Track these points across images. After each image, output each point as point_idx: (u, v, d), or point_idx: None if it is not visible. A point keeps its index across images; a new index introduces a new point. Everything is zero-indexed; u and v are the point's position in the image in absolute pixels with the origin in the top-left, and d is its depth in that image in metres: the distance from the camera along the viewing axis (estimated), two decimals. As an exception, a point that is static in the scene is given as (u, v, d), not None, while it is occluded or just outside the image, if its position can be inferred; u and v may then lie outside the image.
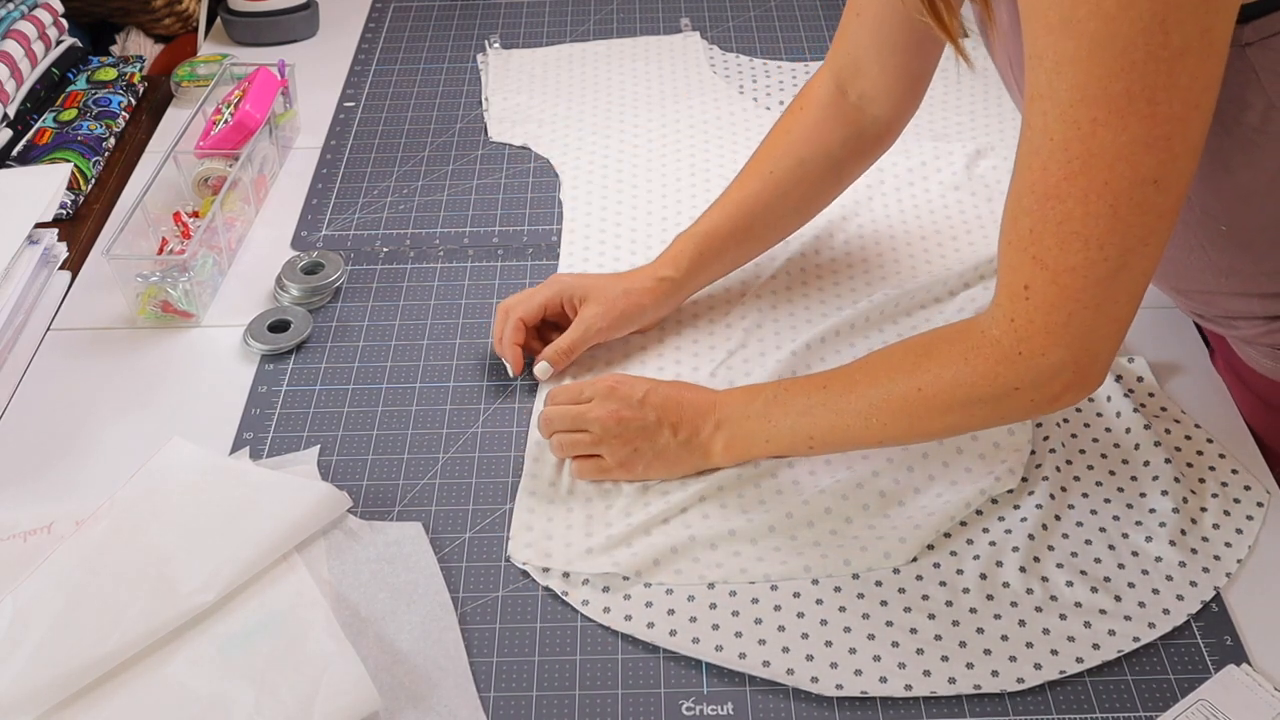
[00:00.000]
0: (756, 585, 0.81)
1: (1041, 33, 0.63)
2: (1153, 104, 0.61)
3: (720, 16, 1.49)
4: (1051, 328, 0.69)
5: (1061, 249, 0.66)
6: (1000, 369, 0.72)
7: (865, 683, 0.74)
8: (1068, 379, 0.71)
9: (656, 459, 0.86)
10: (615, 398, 0.87)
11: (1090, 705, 0.74)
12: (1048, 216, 0.66)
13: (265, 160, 1.19)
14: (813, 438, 0.82)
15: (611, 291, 0.97)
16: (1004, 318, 0.71)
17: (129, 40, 1.50)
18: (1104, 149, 0.63)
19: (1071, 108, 0.63)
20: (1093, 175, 0.64)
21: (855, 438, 0.81)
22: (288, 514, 0.82)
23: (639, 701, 0.74)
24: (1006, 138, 1.23)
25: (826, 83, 0.97)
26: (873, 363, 0.81)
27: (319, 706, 0.72)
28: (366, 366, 0.99)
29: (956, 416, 0.76)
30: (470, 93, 1.36)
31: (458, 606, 0.80)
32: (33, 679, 0.73)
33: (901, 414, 0.77)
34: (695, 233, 0.99)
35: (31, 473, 0.91)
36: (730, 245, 1.00)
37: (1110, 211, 0.64)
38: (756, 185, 0.99)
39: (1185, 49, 0.60)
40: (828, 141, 0.97)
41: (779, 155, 0.99)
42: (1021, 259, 0.69)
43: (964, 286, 1.05)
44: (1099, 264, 0.66)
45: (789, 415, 0.83)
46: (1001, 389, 0.73)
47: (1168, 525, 0.83)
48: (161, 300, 1.03)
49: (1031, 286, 0.69)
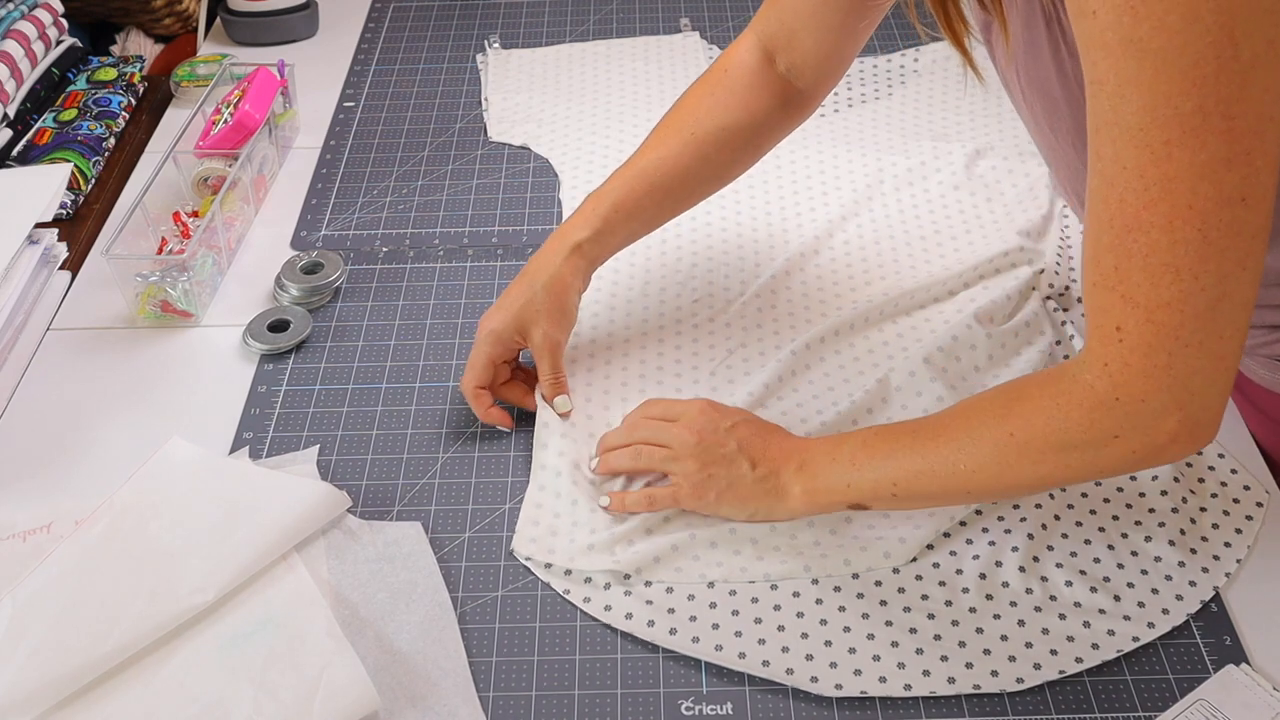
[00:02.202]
0: (756, 584, 0.81)
1: (1100, 57, 0.60)
2: (1228, 118, 0.58)
3: (720, 16, 1.49)
4: (1151, 371, 0.64)
5: (1152, 284, 0.62)
6: (1096, 415, 0.67)
7: (864, 682, 0.74)
8: (1173, 428, 0.66)
9: (729, 489, 0.82)
10: (702, 420, 0.84)
11: (1090, 705, 0.74)
12: (1132, 250, 0.62)
13: (265, 160, 1.19)
14: (896, 484, 0.76)
15: (536, 302, 0.91)
16: (1097, 362, 0.66)
17: (129, 40, 1.50)
18: (1182, 171, 0.59)
19: (1142, 131, 0.59)
20: (1175, 199, 0.60)
21: (942, 486, 0.75)
22: (287, 514, 0.82)
23: (638, 701, 0.74)
24: (1006, 138, 1.23)
25: (753, 49, 0.95)
26: (964, 408, 0.76)
27: (318, 706, 0.72)
28: (366, 366, 0.99)
29: (1050, 465, 0.70)
30: (470, 93, 1.36)
31: (457, 606, 0.80)
32: (32, 679, 0.73)
33: (991, 460, 0.72)
34: (608, 190, 0.94)
35: (31, 473, 0.91)
36: (647, 205, 0.94)
37: (1200, 236, 0.60)
38: (676, 145, 0.94)
39: (1255, 60, 0.57)
40: (754, 108, 0.94)
41: (701, 116, 0.94)
42: (1109, 299, 0.64)
43: (964, 286, 1.05)
44: (1195, 295, 0.61)
45: (874, 460, 0.77)
46: (1099, 436, 0.67)
47: (1167, 525, 0.83)
48: (161, 300, 1.03)
49: (1124, 327, 0.64)
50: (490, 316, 0.93)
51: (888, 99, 1.32)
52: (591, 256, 0.94)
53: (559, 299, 0.92)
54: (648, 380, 0.97)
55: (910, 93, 1.33)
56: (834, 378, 0.97)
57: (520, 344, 0.93)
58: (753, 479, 0.81)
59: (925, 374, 0.94)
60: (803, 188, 1.18)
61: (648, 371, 0.98)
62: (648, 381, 0.97)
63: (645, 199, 0.94)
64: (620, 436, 0.87)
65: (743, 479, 0.82)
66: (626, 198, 0.94)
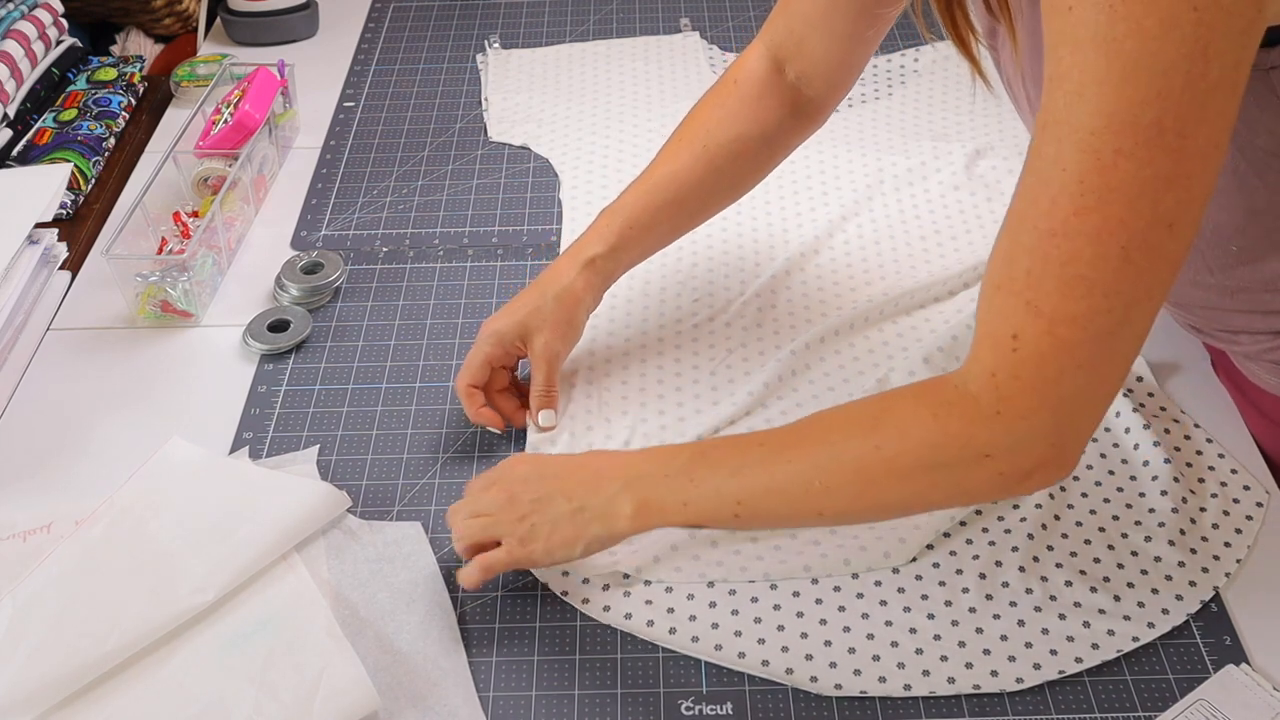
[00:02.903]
0: (756, 584, 0.81)
1: (1067, 52, 0.57)
2: (1182, 138, 0.56)
3: (720, 16, 1.49)
4: (1039, 386, 0.61)
5: (1062, 294, 0.59)
6: (973, 429, 0.64)
7: (864, 682, 0.74)
8: (1043, 452, 0.64)
9: (554, 531, 0.75)
10: (511, 475, 0.79)
11: (1090, 705, 0.74)
12: (1050, 256, 0.59)
13: (265, 160, 1.19)
14: (740, 503, 0.71)
15: (544, 310, 0.90)
16: (984, 371, 0.63)
17: (129, 40, 1.50)
18: (1125, 183, 0.57)
19: (1093, 135, 0.57)
20: (1108, 212, 0.57)
21: (790, 506, 0.70)
22: (287, 514, 0.82)
23: (638, 701, 0.74)
24: (1006, 138, 1.23)
25: (762, 58, 0.94)
26: (823, 419, 0.72)
27: (318, 706, 0.72)
28: (366, 366, 0.99)
29: (916, 485, 0.67)
30: (470, 93, 1.36)
31: (457, 606, 0.80)
32: (32, 679, 0.73)
33: (852, 479, 0.68)
34: (620, 206, 0.93)
35: (31, 473, 0.91)
36: (662, 219, 0.94)
37: (1122, 255, 0.58)
38: (689, 159, 0.93)
39: (1220, 82, 0.55)
40: (764, 119, 0.94)
41: (713, 128, 0.93)
42: (1013, 304, 0.61)
43: (964, 286, 1.05)
44: (1102, 315, 0.59)
45: (716, 475, 0.72)
46: (971, 454, 0.65)
47: (1167, 525, 0.83)
48: (161, 300, 1.03)
49: (1021, 336, 0.61)
50: (495, 319, 0.92)
51: (888, 99, 1.32)
52: (606, 273, 0.93)
53: (568, 311, 0.91)
54: (648, 379, 0.97)
55: (910, 93, 1.33)
56: (834, 378, 0.97)
57: (520, 350, 0.92)
58: (569, 511, 0.76)
59: (925, 374, 0.94)
60: (803, 188, 1.18)
61: (648, 371, 0.98)
62: (648, 380, 0.97)
63: (659, 214, 0.93)
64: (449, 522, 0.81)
65: (560, 518, 0.76)
66: (641, 213, 0.93)
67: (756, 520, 0.73)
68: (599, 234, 0.93)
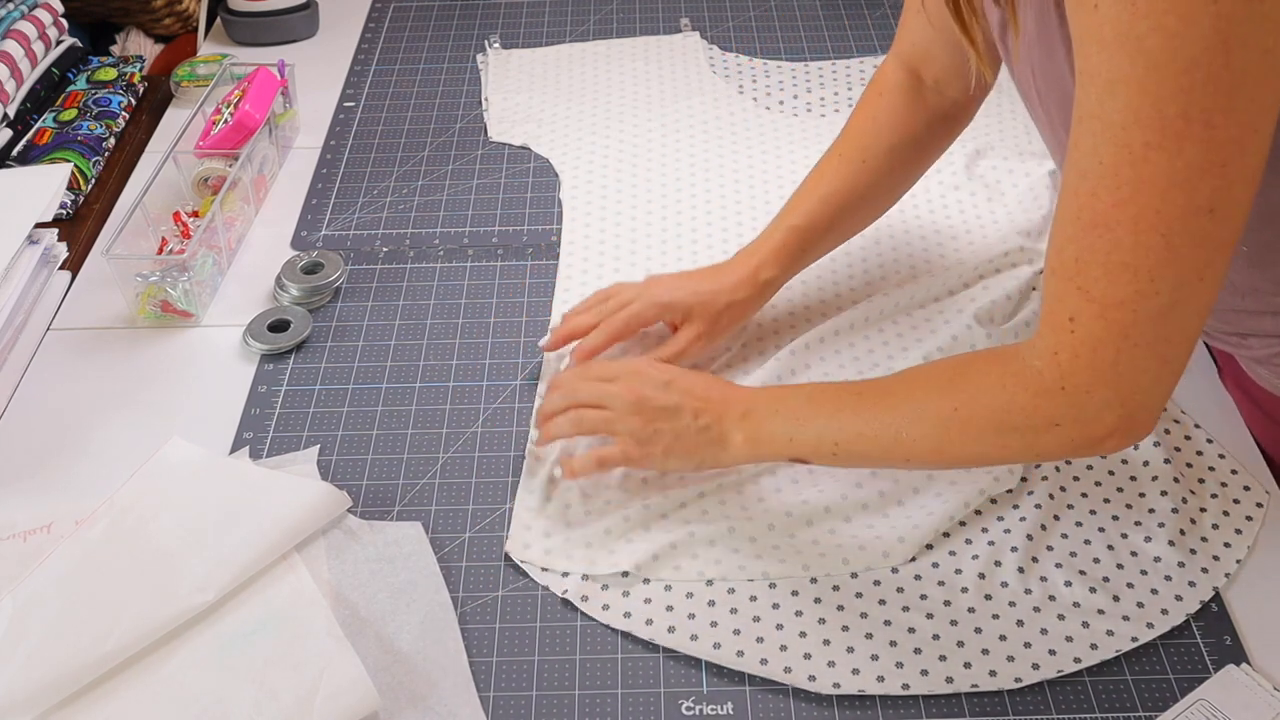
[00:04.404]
0: (755, 583, 0.81)
1: (1094, 50, 0.60)
2: (1210, 127, 0.58)
3: (720, 16, 1.49)
4: (1097, 365, 0.65)
5: (1109, 281, 0.62)
6: (1040, 401, 0.68)
7: (863, 681, 0.74)
8: (1113, 422, 0.66)
9: (675, 442, 0.82)
10: (641, 378, 0.84)
11: (1090, 705, 0.74)
12: (1095, 246, 0.62)
13: (265, 160, 1.19)
14: (837, 444, 0.77)
15: (714, 307, 0.94)
16: (1047, 350, 0.67)
17: (129, 40, 1.50)
18: (1157, 175, 0.59)
19: (1123, 130, 0.59)
20: (1144, 202, 0.60)
21: (881, 451, 0.76)
22: (287, 514, 0.82)
23: (639, 701, 0.74)
24: (1006, 138, 1.23)
25: (898, 69, 0.97)
26: (911, 376, 0.77)
27: (319, 706, 0.72)
28: (366, 366, 0.99)
29: (989, 444, 0.71)
30: (470, 93, 1.36)
31: (457, 606, 0.80)
32: (32, 679, 0.73)
33: (932, 433, 0.73)
34: (795, 226, 0.97)
35: (31, 473, 0.91)
36: (826, 237, 0.98)
37: (1163, 242, 0.60)
38: (850, 175, 0.97)
39: (1246, 70, 0.57)
40: (913, 126, 0.97)
41: (869, 143, 0.97)
42: (1066, 289, 0.65)
43: (964, 286, 1.05)
44: (1150, 298, 0.62)
45: (819, 417, 0.78)
46: (1040, 422, 0.68)
47: (1167, 525, 0.83)
48: (161, 300, 1.03)
49: (1077, 319, 0.64)
50: (669, 289, 0.95)
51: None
52: (770, 295, 0.98)
53: (731, 315, 0.95)
54: (648, 380, 0.97)
55: (910, 93, 1.33)
56: (834, 378, 0.97)
57: (669, 324, 0.96)
58: (696, 429, 0.82)
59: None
60: (803, 188, 1.18)
61: (648, 371, 0.97)
62: (648, 381, 0.96)
63: (827, 231, 0.97)
64: (558, 401, 0.87)
65: (686, 430, 0.82)
66: (811, 231, 0.97)
67: (851, 460, 0.79)
68: (775, 256, 0.96)
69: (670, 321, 0.96)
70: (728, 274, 0.96)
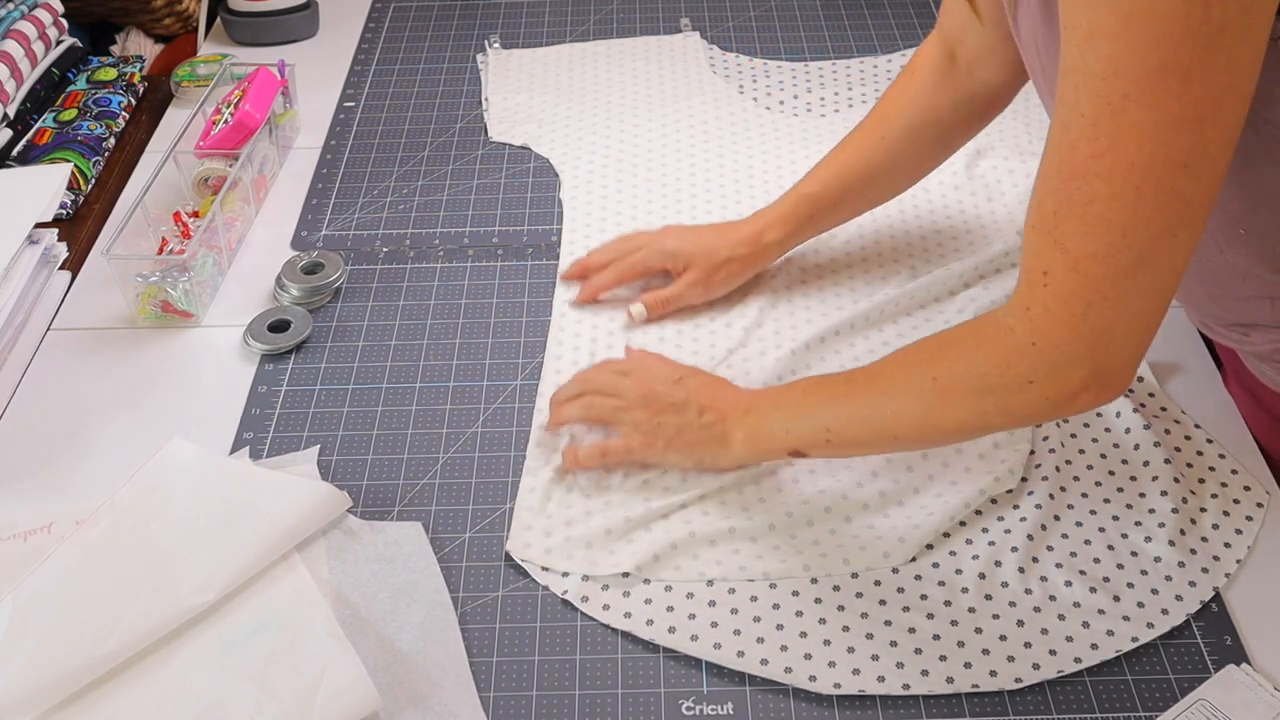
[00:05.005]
0: (755, 583, 0.81)
1: (1077, 1, 0.61)
2: (1187, 81, 0.59)
3: (720, 16, 1.49)
4: (1069, 319, 0.66)
5: (1084, 233, 0.64)
6: (1013, 358, 0.69)
7: (863, 682, 0.74)
8: (1084, 377, 0.67)
9: (678, 436, 0.85)
10: (653, 373, 0.88)
11: (1090, 705, 0.74)
12: (1072, 197, 0.63)
13: (265, 160, 1.19)
14: (830, 430, 0.79)
15: (714, 259, 1.01)
16: (1020, 306, 0.68)
17: (129, 40, 1.50)
18: (1134, 126, 0.60)
19: (1103, 80, 0.60)
20: (1119, 154, 0.61)
21: (871, 433, 0.78)
22: (288, 514, 0.82)
23: (639, 701, 0.74)
24: (1006, 138, 1.23)
25: (937, 48, 0.97)
26: (897, 356, 0.79)
27: (319, 706, 0.72)
28: (366, 366, 0.99)
29: (969, 411, 0.73)
30: (470, 93, 1.36)
31: (458, 606, 0.80)
32: (33, 679, 0.73)
33: (915, 406, 0.75)
34: (807, 194, 1.01)
35: (31, 473, 0.91)
36: (837, 208, 1.02)
37: (1135, 193, 0.61)
38: (867, 149, 1.00)
39: (1225, 26, 0.58)
40: (939, 107, 0.98)
41: (892, 119, 0.99)
42: (1043, 243, 0.66)
43: (964, 286, 1.05)
44: (1122, 252, 0.63)
45: (814, 407, 0.81)
46: (1014, 381, 0.69)
47: (1167, 525, 0.83)
48: (161, 300, 1.03)
49: (1051, 273, 0.66)
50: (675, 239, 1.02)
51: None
52: (772, 255, 1.03)
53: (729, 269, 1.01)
54: (648, 380, 0.97)
55: (910, 93, 1.33)
56: (834, 378, 0.97)
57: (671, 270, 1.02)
58: (699, 425, 0.84)
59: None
60: (803, 188, 1.18)
61: (648, 371, 0.98)
62: (648, 381, 0.97)
63: (837, 201, 1.01)
64: (571, 389, 0.90)
65: (690, 425, 0.84)
66: (820, 200, 1.01)
67: (845, 447, 0.81)
68: (782, 220, 1.01)
69: (674, 269, 1.02)
70: (734, 231, 1.02)
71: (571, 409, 0.89)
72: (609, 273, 1.03)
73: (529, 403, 0.95)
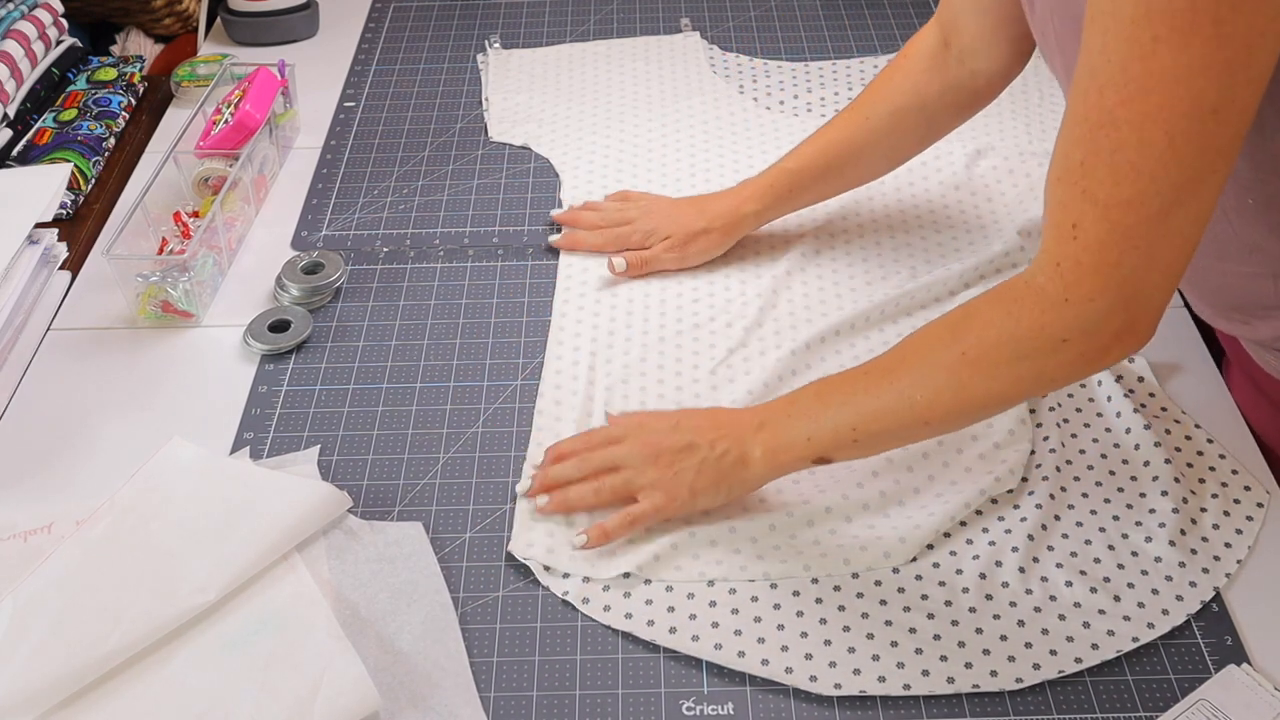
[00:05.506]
0: (756, 583, 0.81)
1: None
2: (1217, 24, 0.58)
3: (720, 16, 1.49)
4: (1100, 268, 0.65)
5: (1114, 181, 0.63)
6: (1047, 319, 0.68)
7: (864, 682, 0.74)
8: (1117, 327, 0.67)
9: (698, 477, 0.81)
10: (646, 429, 0.84)
11: (1090, 705, 0.74)
12: (1100, 145, 0.63)
13: (265, 160, 1.19)
14: (855, 428, 0.77)
15: (691, 230, 1.05)
16: (1050, 263, 0.68)
17: (129, 40, 1.50)
18: (1163, 70, 0.60)
19: (1133, 24, 0.60)
20: (1149, 99, 0.61)
21: (900, 423, 0.76)
22: (288, 514, 0.82)
23: (639, 701, 0.74)
24: (1006, 138, 1.23)
25: (933, 33, 0.98)
26: (912, 340, 0.77)
27: (319, 706, 0.72)
28: (366, 366, 0.99)
29: (1004, 380, 0.72)
30: (470, 93, 1.36)
31: (458, 606, 0.80)
32: (33, 679, 0.73)
33: (945, 386, 0.73)
34: (788, 169, 1.03)
35: (31, 473, 0.91)
36: (815, 183, 1.03)
37: (1166, 140, 0.61)
38: (850, 128, 1.01)
39: None
40: (924, 93, 0.98)
41: (877, 101, 1.00)
42: (1071, 194, 0.65)
43: (964, 286, 1.05)
44: (1152, 198, 0.63)
45: (831, 408, 0.78)
46: (1049, 342, 0.69)
47: (1167, 525, 0.83)
48: (162, 300, 1.03)
49: (1080, 224, 0.65)
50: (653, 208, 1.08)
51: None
52: (748, 228, 1.06)
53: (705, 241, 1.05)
54: (648, 379, 0.97)
55: (910, 93, 1.33)
56: (834, 378, 0.96)
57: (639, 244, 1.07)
58: (715, 457, 0.81)
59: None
60: (803, 188, 1.18)
61: (648, 370, 0.98)
62: (648, 380, 0.97)
63: (816, 177, 1.03)
64: (570, 471, 0.84)
65: (706, 462, 0.81)
66: (799, 176, 1.03)
67: (873, 441, 0.78)
68: (760, 193, 1.04)
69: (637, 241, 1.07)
70: (715, 203, 1.06)
71: (583, 493, 0.83)
72: (594, 237, 1.08)
73: (529, 403, 0.95)
